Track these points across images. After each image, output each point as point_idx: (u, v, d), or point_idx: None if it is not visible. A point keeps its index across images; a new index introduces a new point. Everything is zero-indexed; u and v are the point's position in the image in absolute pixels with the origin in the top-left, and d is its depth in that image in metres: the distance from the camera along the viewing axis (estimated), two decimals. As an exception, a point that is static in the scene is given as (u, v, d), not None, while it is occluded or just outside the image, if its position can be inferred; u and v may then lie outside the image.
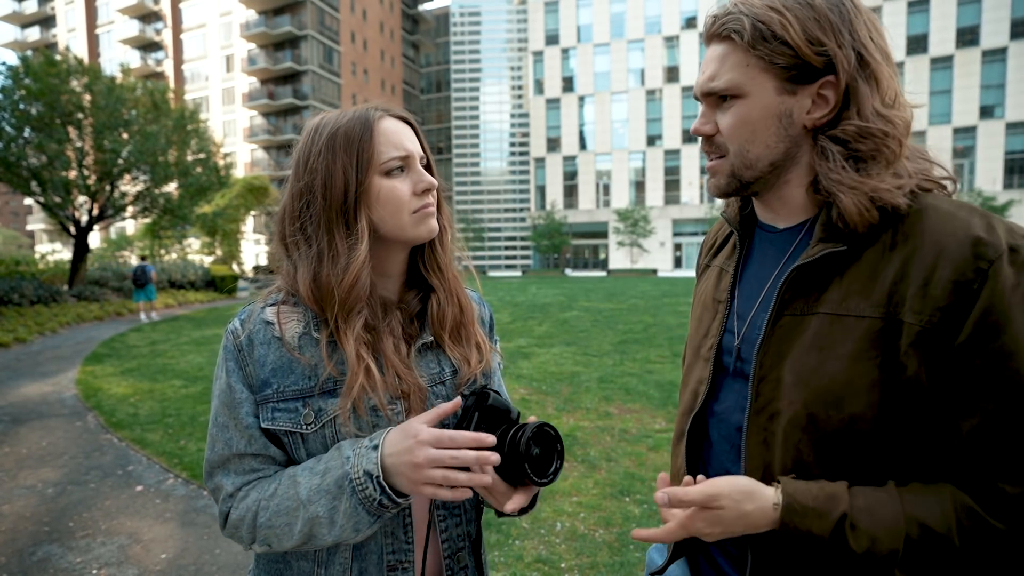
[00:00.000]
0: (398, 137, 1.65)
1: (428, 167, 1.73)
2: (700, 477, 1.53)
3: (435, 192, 1.71)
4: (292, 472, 1.56)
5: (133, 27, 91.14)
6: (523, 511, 1.59)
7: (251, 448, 1.60)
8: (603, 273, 73.52)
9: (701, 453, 1.72)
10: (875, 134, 1.44)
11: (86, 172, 28.87)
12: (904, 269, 1.36)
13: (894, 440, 1.35)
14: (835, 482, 1.37)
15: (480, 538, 1.83)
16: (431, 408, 1.61)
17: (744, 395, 1.58)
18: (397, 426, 1.52)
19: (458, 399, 1.54)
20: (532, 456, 1.47)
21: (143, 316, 25.55)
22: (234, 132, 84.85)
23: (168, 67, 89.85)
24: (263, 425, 1.59)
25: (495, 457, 1.45)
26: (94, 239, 74.85)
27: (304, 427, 1.57)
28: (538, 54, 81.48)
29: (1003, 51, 60.84)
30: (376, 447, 1.49)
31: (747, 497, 1.38)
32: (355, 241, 1.60)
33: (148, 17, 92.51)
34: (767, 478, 1.45)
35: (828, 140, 1.48)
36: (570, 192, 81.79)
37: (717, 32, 1.53)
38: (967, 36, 61.99)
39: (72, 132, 28.20)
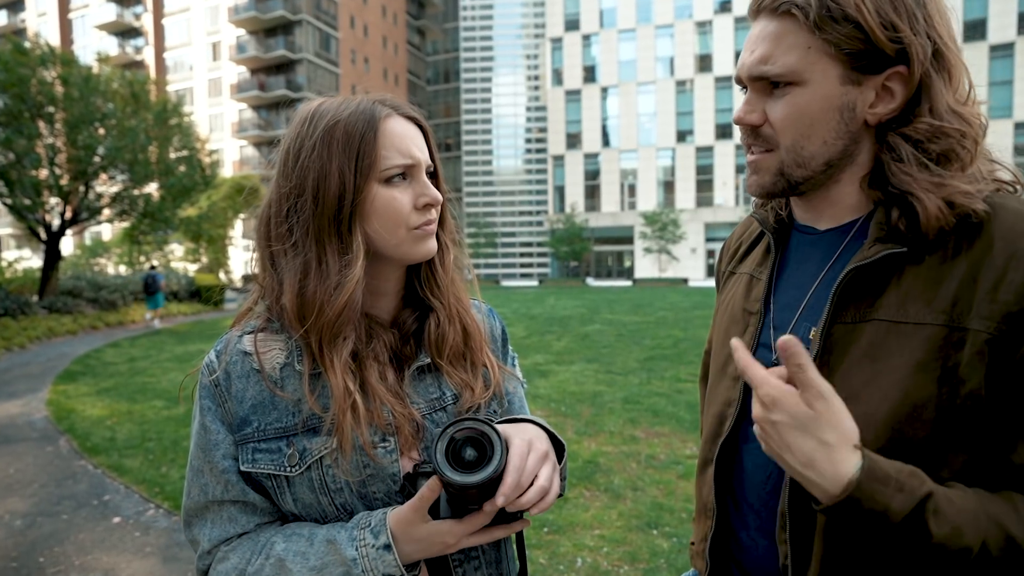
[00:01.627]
0: (405, 142, 1.60)
1: (435, 177, 1.70)
2: None
3: (439, 208, 1.67)
4: (279, 553, 1.50)
5: (110, 11, 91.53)
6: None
7: (228, 495, 1.57)
8: (628, 283, 73.52)
9: (732, 484, 1.69)
10: (950, 134, 1.41)
11: (58, 171, 28.88)
12: (971, 273, 1.34)
13: (945, 463, 1.33)
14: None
15: None
16: (425, 433, 1.62)
17: None
18: (400, 523, 1.47)
19: (435, 482, 1.41)
20: (471, 461, 1.38)
21: (156, 322, 28.01)
22: (221, 127, 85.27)
23: (149, 55, 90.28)
24: (243, 468, 1.56)
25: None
26: (67, 245, 74.97)
27: (288, 469, 1.53)
28: (556, 41, 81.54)
29: (1071, 37, 60.51)
30: (388, 548, 1.45)
31: (846, 414, 1.26)
32: (351, 258, 1.55)
33: (127, 0, 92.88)
34: (811, 511, 1.40)
35: (899, 138, 1.44)
36: (592, 193, 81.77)
37: (772, 6, 1.46)
38: (1031, 21, 61.72)
39: (43, 127, 28.18)
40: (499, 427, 1.44)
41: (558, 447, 1.65)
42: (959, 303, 1.33)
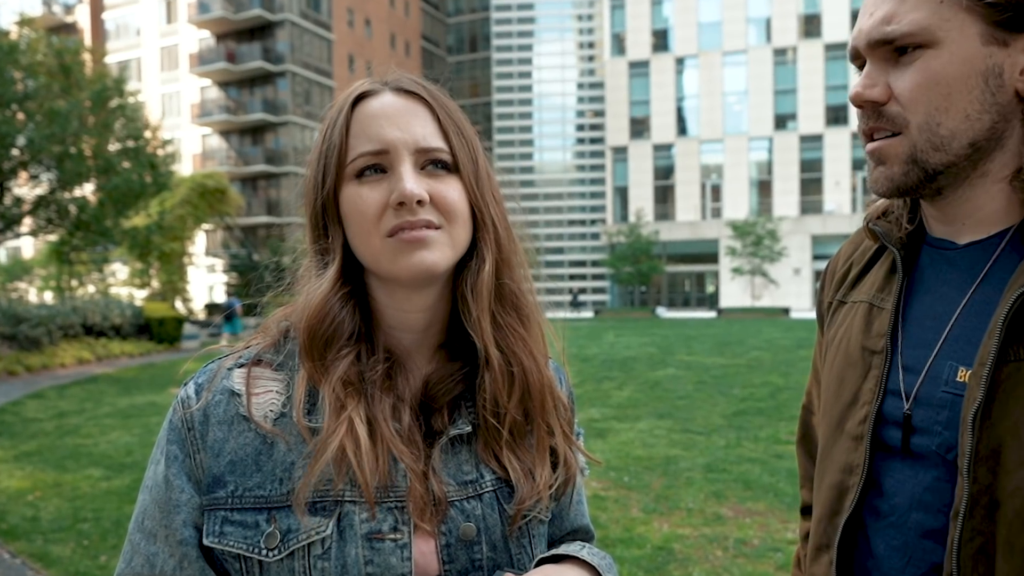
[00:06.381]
0: (376, 124, 1.57)
1: (454, 170, 1.62)
2: None
3: (443, 205, 1.58)
4: None
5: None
6: None
7: (181, 573, 1.52)
8: (711, 313, 73.16)
9: (856, 573, 1.67)
10: None
11: (-36, 168, 29.08)
12: None
13: None
14: None
15: None
16: (450, 525, 1.57)
17: (927, 483, 1.52)
18: None
19: None
20: None
21: None
22: (177, 110, 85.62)
23: (83, 16, 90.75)
24: (206, 542, 1.50)
25: None
26: (-24, 265, 75.52)
27: (264, 552, 1.47)
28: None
29: None
30: None
31: None
32: (329, 260, 1.60)
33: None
34: None
35: None
36: (664, 196, 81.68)
37: None
38: None
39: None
40: None
41: None
42: None
